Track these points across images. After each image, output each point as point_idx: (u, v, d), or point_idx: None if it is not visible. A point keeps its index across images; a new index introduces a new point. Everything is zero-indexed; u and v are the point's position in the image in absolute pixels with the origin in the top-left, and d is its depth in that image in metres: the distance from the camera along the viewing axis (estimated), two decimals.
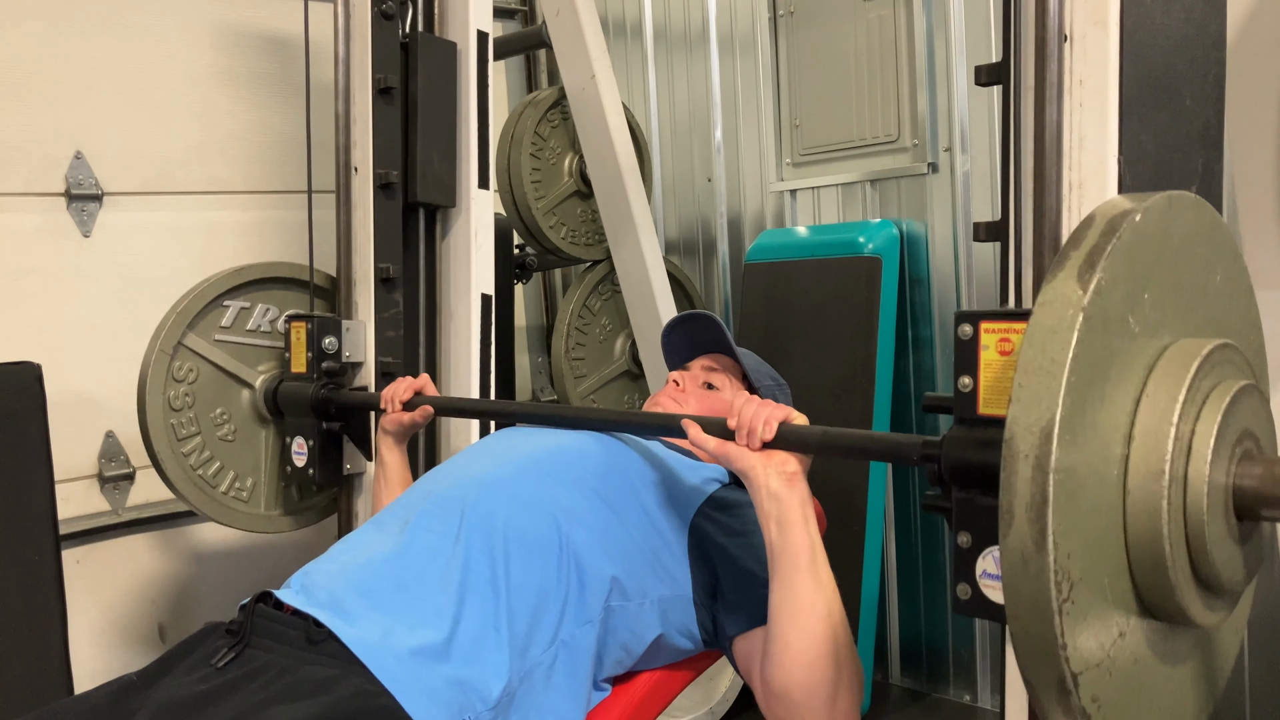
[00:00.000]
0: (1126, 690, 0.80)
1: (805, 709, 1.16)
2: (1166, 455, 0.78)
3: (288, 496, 2.08)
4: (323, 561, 1.31)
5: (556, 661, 1.23)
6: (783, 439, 1.21)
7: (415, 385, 1.74)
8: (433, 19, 2.08)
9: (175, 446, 1.94)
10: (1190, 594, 0.81)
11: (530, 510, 1.29)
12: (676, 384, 1.60)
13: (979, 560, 0.98)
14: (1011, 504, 0.73)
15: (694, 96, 3.14)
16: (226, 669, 1.14)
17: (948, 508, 1.03)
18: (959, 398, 1.03)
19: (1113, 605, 0.78)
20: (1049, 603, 0.72)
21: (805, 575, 1.17)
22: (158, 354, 1.91)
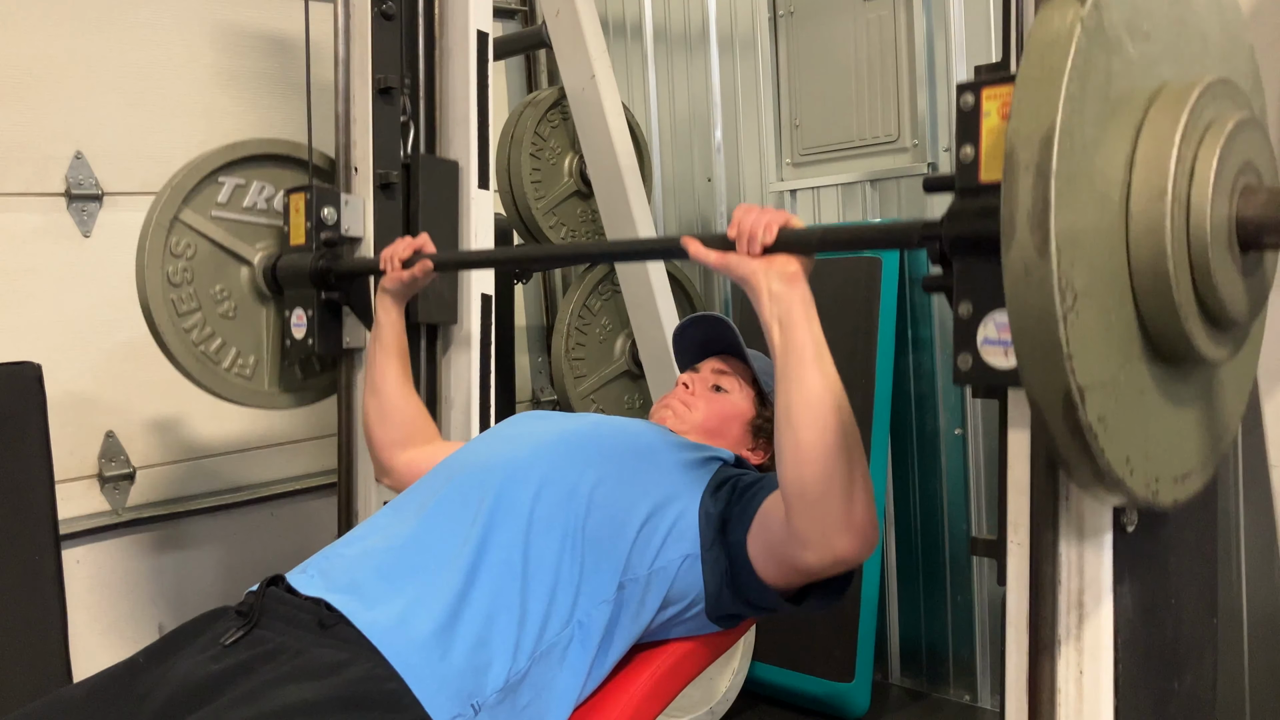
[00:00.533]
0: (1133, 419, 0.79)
1: (823, 505, 1.16)
2: (1169, 179, 0.77)
3: (290, 375, 2.08)
4: (341, 546, 1.33)
5: (573, 642, 1.24)
6: (783, 243, 1.21)
7: (414, 244, 1.74)
8: (433, 19, 2.08)
9: (176, 321, 1.93)
10: (1194, 321, 0.80)
11: (544, 493, 1.31)
12: (686, 386, 1.61)
13: (980, 328, 0.97)
14: (1013, 215, 0.72)
15: (694, 96, 3.14)
16: (235, 648, 1.16)
17: (948, 285, 1.02)
18: (960, 169, 1.01)
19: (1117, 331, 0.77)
20: (1053, 309, 0.71)
21: (812, 370, 1.18)
22: (154, 226, 1.90)
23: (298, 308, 1.95)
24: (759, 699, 2.64)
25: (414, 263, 1.71)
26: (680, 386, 1.61)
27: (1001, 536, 1.03)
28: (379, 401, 1.76)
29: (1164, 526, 1.04)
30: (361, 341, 2.00)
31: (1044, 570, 0.96)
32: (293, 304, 1.97)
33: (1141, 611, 0.99)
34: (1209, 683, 1.14)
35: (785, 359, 1.19)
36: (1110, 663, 0.94)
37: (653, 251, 1.40)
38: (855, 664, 2.47)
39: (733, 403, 1.58)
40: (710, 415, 1.55)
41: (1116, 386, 0.77)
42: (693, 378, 1.62)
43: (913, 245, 1.08)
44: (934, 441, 2.63)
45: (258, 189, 2.03)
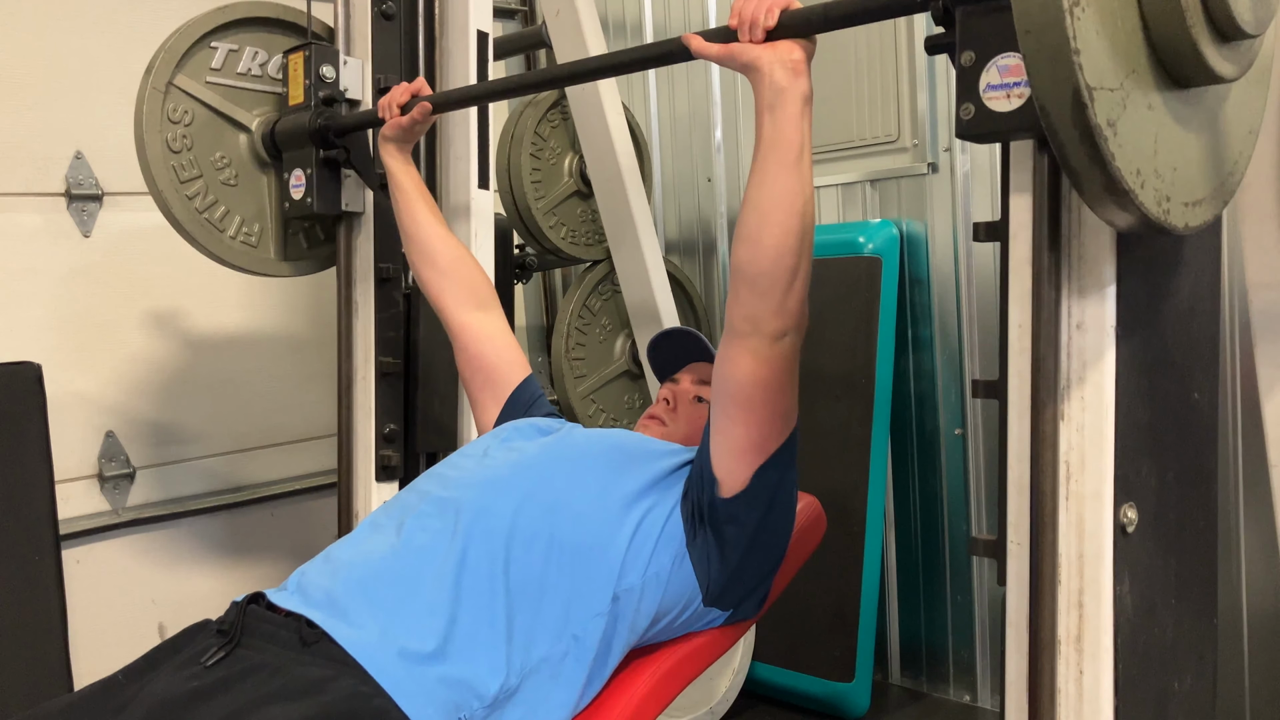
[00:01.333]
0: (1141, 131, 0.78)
1: (768, 294, 1.21)
2: None
3: (294, 242, 2.08)
4: (319, 561, 1.31)
5: (568, 655, 1.24)
6: (785, 26, 1.20)
7: (411, 88, 1.73)
8: (433, 19, 2.08)
9: (179, 189, 1.93)
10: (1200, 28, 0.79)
11: (526, 507, 1.30)
12: (667, 401, 1.61)
13: (983, 74, 0.97)
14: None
15: (694, 96, 3.14)
16: (216, 668, 1.14)
17: (950, 41, 1.03)
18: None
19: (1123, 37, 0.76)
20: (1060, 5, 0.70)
21: (790, 170, 1.19)
22: (150, 91, 1.89)
23: (296, 168, 1.94)
24: (759, 699, 2.64)
25: (412, 106, 1.69)
26: (661, 401, 1.62)
27: (1001, 536, 1.03)
28: (418, 246, 1.75)
29: (1164, 527, 1.04)
30: (360, 205, 1.99)
31: (1044, 570, 0.96)
32: (292, 165, 1.96)
33: (1141, 611, 0.99)
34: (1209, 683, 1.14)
35: (769, 151, 1.20)
36: (1110, 663, 0.94)
37: (652, 58, 1.38)
38: (855, 664, 2.47)
39: None
40: (694, 429, 1.56)
41: (1124, 94, 0.76)
42: (673, 390, 1.62)
43: (916, 8, 1.08)
44: (934, 441, 2.62)
45: (251, 54, 2.02)
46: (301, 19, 2.06)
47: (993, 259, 2.45)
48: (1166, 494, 1.04)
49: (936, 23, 1.08)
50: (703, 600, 1.36)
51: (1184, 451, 1.08)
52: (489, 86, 1.88)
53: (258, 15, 2.03)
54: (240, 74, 2.01)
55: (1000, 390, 1.05)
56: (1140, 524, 0.97)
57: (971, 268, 2.51)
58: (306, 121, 1.91)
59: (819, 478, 2.44)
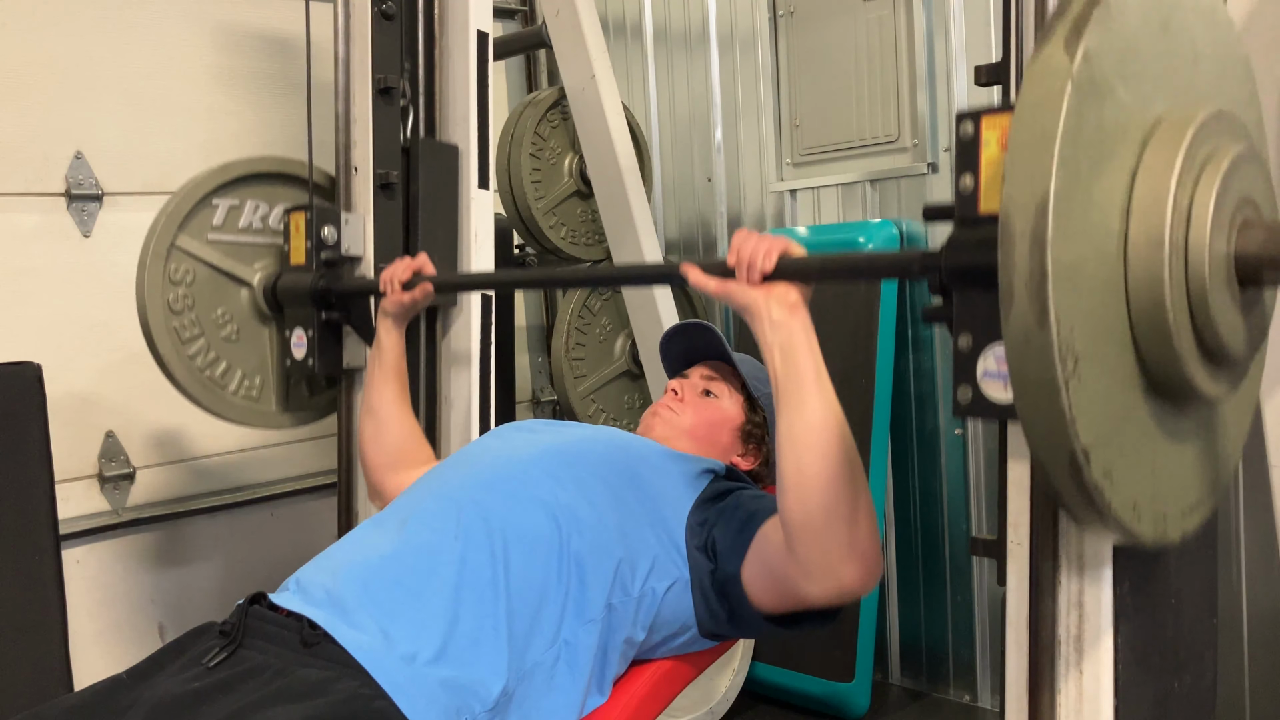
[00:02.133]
0: (1137, 466, 0.79)
1: (828, 533, 1.14)
2: (1166, 224, 0.76)
3: (296, 393, 2.08)
4: (320, 560, 1.31)
5: (559, 661, 1.23)
6: (783, 270, 1.21)
7: (414, 265, 1.73)
8: (433, 19, 2.08)
9: (180, 350, 1.93)
10: (1195, 363, 0.80)
11: (530, 509, 1.29)
12: (675, 393, 1.60)
13: (980, 360, 0.97)
14: (1011, 283, 0.72)
15: (694, 96, 3.14)
16: (218, 669, 1.14)
17: (948, 316, 1.02)
18: (960, 199, 1.00)
19: (1118, 381, 0.77)
20: (1054, 378, 0.71)
21: (813, 397, 1.17)
22: (152, 256, 1.89)
23: (298, 328, 1.95)
24: (759, 699, 2.64)
25: (414, 285, 1.70)
26: (669, 393, 1.61)
27: (1001, 536, 1.03)
28: (375, 422, 1.76)
29: None
30: (361, 361, 1.99)
31: (1044, 570, 0.96)
32: (293, 323, 1.96)
33: (1141, 611, 0.98)
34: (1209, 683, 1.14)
35: (787, 386, 1.19)
36: (1110, 663, 0.94)
37: (652, 277, 1.40)
38: (855, 664, 2.47)
39: (722, 408, 1.58)
40: (700, 421, 1.55)
41: (1120, 438, 0.77)
42: (682, 384, 1.62)
43: (913, 276, 1.08)
44: (934, 441, 2.62)
45: (252, 208, 2.02)
46: (301, 170, 2.06)
47: None
48: None
49: (933, 293, 1.06)
50: (698, 633, 1.36)
51: None
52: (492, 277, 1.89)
53: (259, 171, 2.04)
54: (242, 229, 2.02)
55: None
56: None
57: None
58: (308, 283, 1.91)
59: None
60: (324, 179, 2.10)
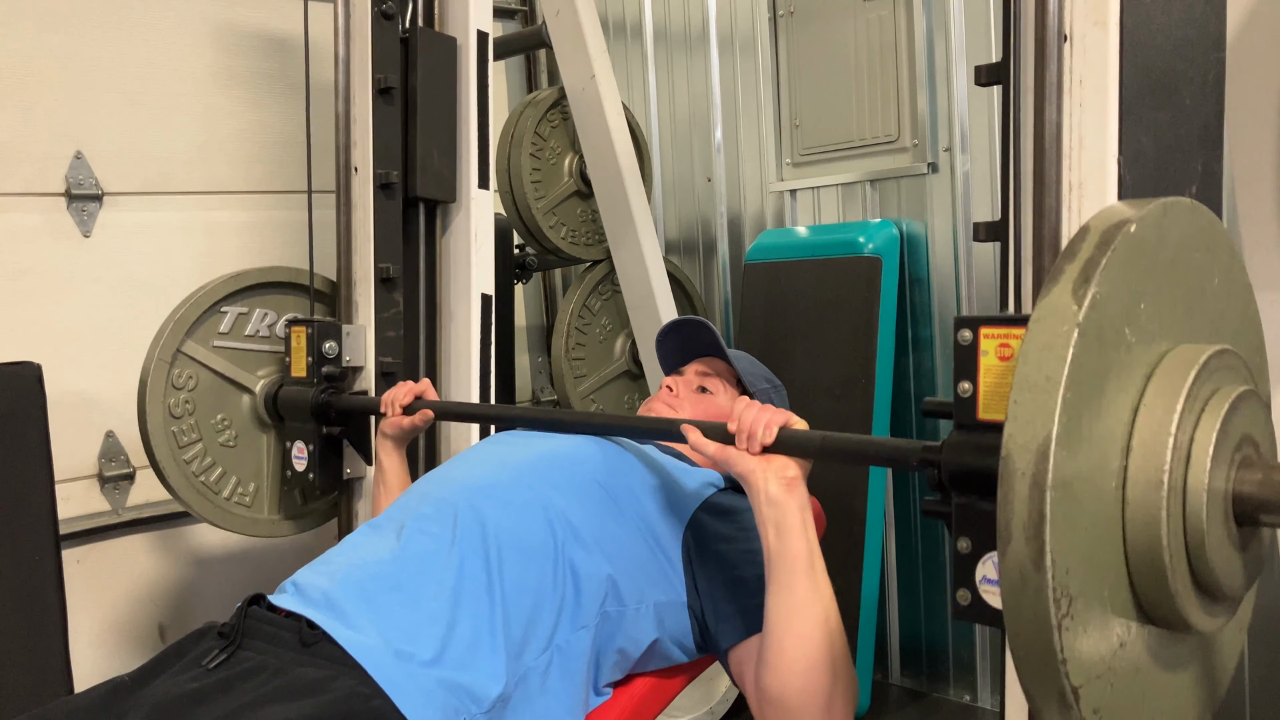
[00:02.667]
0: (1128, 699, 0.80)
1: (800, 715, 1.16)
2: (1165, 465, 0.78)
3: (290, 501, 2.08)
4: (318, 564, 1.31)
5: (551, 666, 1.23)
6: (782, 443, 1.21)
7: (415, 390, 1.74)
8: (433, 19, 2.08)
9: (177, 454, 1.94)
10: (1190, 602, 0.81)
11: (526, 515, 1.29)
12: (670, 389, 1.60)
13: (979, 566, 0.98)
14: (1009, 522, 0.73)
15: (694, 96, 3.14)
16: (218, 670, 1.14)
17: (947, 513, 1.03)
18: (959, 403, 1.03)
19: (1113, 616, 0.78)
20: (1048, 619, 0.72)
21: (803, 581, 1.17)
22: (156, 363, 1.90)
23: (299, 440, 1.96)
24: None
25: (415, 409, 1.70)
26: (664, 389, 1.61)
27: None
28: None
29: None
30: (362, 472, 2.00)
31: None
32: (293, 436, 1.97)
33: None
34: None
35: (777, 565, 1.18)
36: None
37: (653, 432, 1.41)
38: (855, 664, 2.47)
39: (717, 404, 1.58)
40: (696, 416, 1.55)
41: (1111, 675, 0.77)
42: (677, 380, 1.62)
43: (912, 468, 1.09)
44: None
45: (260, 316, 2.04)
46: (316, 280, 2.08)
47: (993, 259, 2.45)
48: None
49: (932, 488, 1.07)
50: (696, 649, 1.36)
51: None
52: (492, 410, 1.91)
53: (269, 280, 2.05)
54: (248, 336, 2.03)
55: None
56: None
57: (971, 268, 2.51)
58: (309, 398, 1.92)
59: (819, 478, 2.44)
60: (326, 286, 2.12)
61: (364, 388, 2.01)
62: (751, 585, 1.27)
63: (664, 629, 1.33)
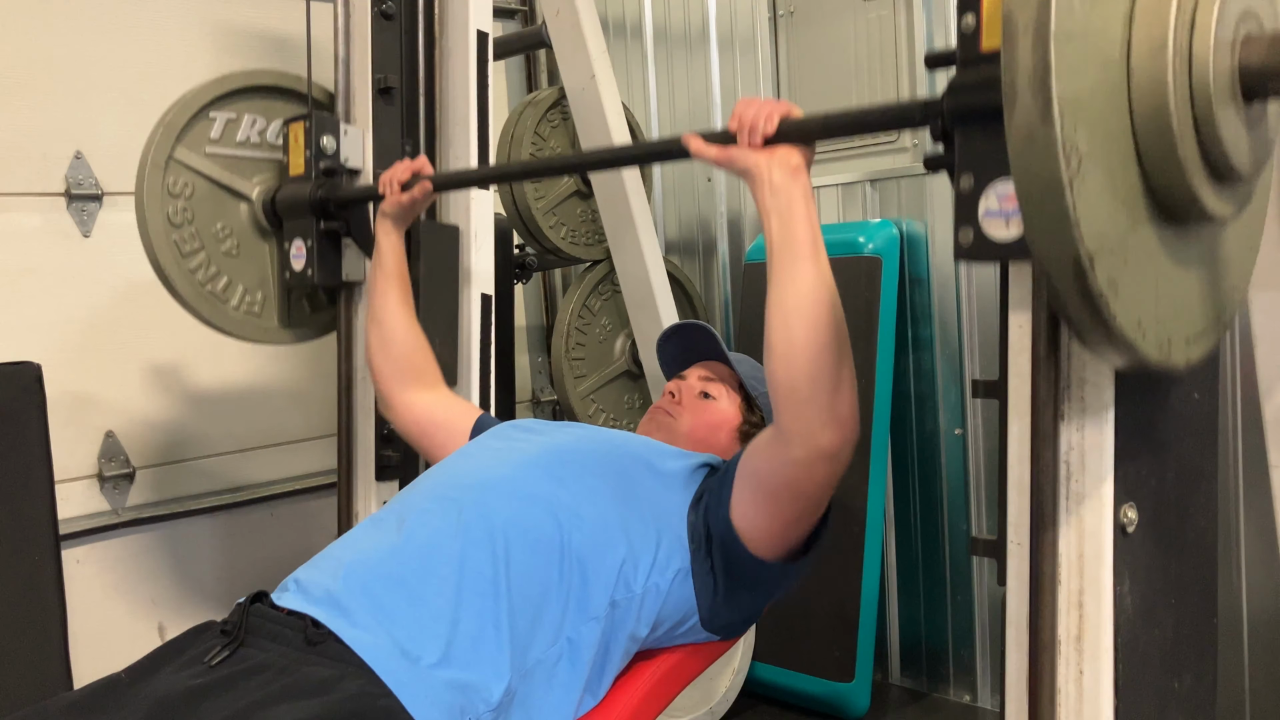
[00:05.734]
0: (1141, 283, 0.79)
1: (811, 400, 1.16)
2: (1169, 29, 0.76)
3: (299, 309, 2.07)
4: (320, 560, 1.30)
5: (560, 659, 1.23)
6: (784, 133, 1.19)
7: (413, 166, 1.73)
8: (433, 19, 2.08)
9: (181, 263, 1.92)
10: (1199, 175, 0.79)
11: (530, 508, 1.29)
12: (673, 395, 1.60)
13: (981, 200, 0.96)
14: (1014, 80, 0.72)
15: (694, 96, 3.14)
16: (220, 666, 1.14)
17: (950, 161, 1.01)
18: (961, 40, 1.00)
19: (1122, 191, 0.77)
20: (1059, 175, 0.70)
21: (808, 265, 1.17)
22: (150, 167, 1.88)
23: (296, 238, 1.94)
24: (759, 699, 2.64)
25: (413, 185, 1.70)
26: (667, 395, 1.61)
27: (1001, 536, 1.03)
28: (380, 328, 1.76)
29: (1164, 527, 1.04)
30: (361, 275, 1.99)
31: (1044, 570, 0.96)
32: (292, 235, 1.95)
33: (1141, 611, 0.98)
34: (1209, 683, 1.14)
35: (782, 252, 1.18)
36: (1110, 662, 0.94)
37: (653, 154, 1.37)
38: (855, 664, 2.47)
39: (720, 409, 1.58)
40: (698, 424, 1.55)
41: (1125, 250, 0.76)
42: (679, 385, 1.61)
43: (915, 123, 1.07)
44: (934, 441, 2.62)
45: (250, 122, 2.00)
46: (299, 84, 2.04)
47: None
48: (1166, 494, 1.04)
49: (935, 140, 1.06)
50: (699, 622, 1.36)
51: (1184, 451, 1.08)
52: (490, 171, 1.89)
53: (255, 84, 2.02)
54: (239, 143, 2.01)
55: (1000, 390, 1.04)
56: (1140, 524, 0.97)
57: (971, 267, 2.51)
58: (307, 193, 1.90)
59: None
60: (323, 94, 2.08)
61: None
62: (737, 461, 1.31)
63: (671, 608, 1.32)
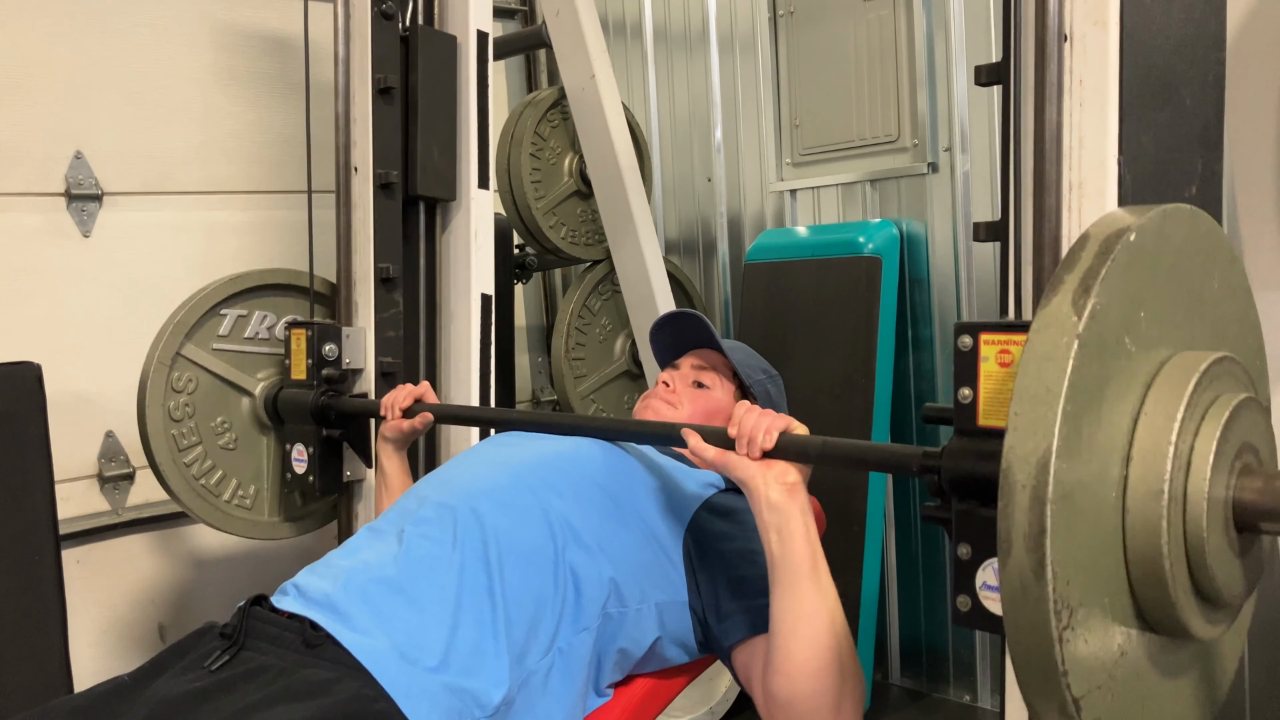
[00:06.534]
0: (1128, 706, 0.80)
1: (810, 718, 1.16)
2: (1165, 473, 0.78)
3: (290, 503, 2.07)
4: (319, 566, 1.31)
5: (553, 669, 1.23)
6: (782, 449, 1.20)
7: (415, 393, 1.73)
8: (432, 19, 2.08)
9: (177, 457, 1.93)
10: (1191, 609, 0.81)
11: (526, 518, 1.29)
12: (666, 385, 1.60)
13: (979, 572, 0.98)
14: (1010, 533, 0.73)
15: (694, 96, 3.14)
16: (220, 670, 1.14)
17: (948, 519, 1.03)
18: (959, 409, 1.03)
19: (1114, 624, 0.78)
20: (1049, 631, 0.72)
21: (807, 584, 1.17)
22: (156, 365, 1.90)
23: (299, 443, 1.95)
24: None
25: (415, 413, 1.70)
26: (661, 385, 1.60)
27: None
28: None
29: None
30: (362, 474, 2.00)
31: None
32: (293, 438, 1.96)
33: None
34: None
35: (781, 570, 1.18)
36: None
37: (651, 436, 1.40)
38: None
39: (714, 398, 1.57)
40: (693, 413, 1.55)
41: (1112, 682, 0.77)
42: (673, 375, 1.61)
43: (912, 473, 1.09)
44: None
45: (259, 318, 2.03)
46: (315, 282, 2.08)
47: (993, 259, 2.45)
48: None
49: (933, 494, 1.07)
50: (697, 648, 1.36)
51: None
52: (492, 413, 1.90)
53: (268, 282, 2.05)
54: (247, 339, 2.02)
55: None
56: None
57: (971, 268, 2.51)
58: (309, 400, 1.91)
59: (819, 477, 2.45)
60: (325, 288, 2.11)
61: (364, 389, 2.01)
62: (753, 584, 1.27)
63: (665, 629, 1.32)
